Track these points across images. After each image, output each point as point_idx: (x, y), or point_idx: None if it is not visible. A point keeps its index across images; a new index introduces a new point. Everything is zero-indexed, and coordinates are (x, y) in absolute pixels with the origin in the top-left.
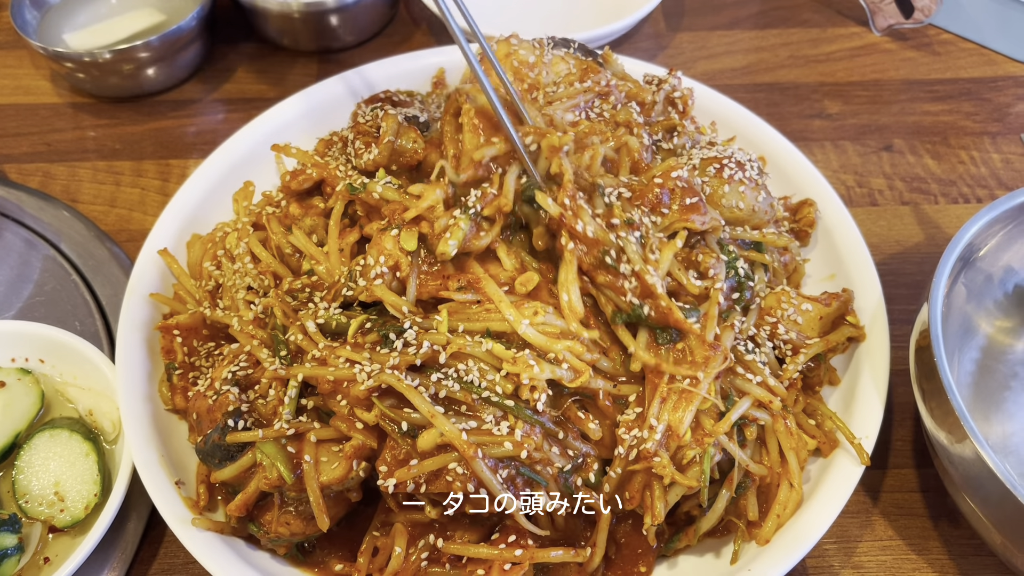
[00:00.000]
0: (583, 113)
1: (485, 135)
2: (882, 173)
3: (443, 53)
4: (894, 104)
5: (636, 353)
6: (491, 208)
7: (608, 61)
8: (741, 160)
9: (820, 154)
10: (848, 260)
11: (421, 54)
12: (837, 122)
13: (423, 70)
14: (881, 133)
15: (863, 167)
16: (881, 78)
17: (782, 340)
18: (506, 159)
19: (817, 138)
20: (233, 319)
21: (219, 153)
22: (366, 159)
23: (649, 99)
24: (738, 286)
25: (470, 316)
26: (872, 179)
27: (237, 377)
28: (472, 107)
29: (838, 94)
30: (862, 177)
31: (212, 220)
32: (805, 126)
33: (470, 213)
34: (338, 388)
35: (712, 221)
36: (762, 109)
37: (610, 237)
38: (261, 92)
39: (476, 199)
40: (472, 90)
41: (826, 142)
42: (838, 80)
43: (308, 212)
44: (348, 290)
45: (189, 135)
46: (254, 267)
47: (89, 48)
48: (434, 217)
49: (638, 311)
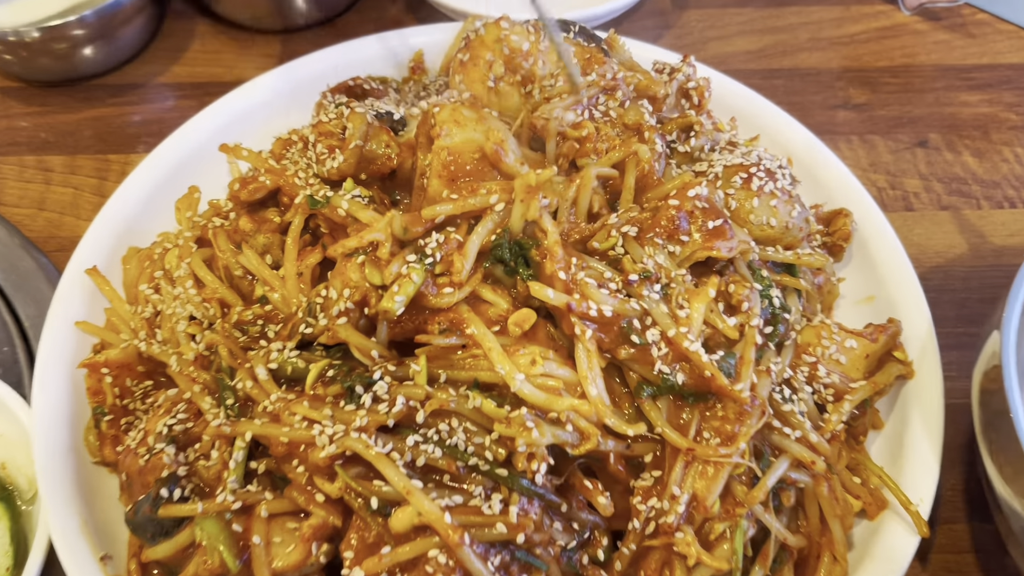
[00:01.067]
0: (586, 112)
1: (449, 188)
2: (917, 173)
3: (422, 33)
4: (927, 93)
5: (665, 434)
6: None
7: (614, 47)
8: (771, 167)
9: (847, 150)
10: (890, 280)
11: (397, 34)
12: (865, 113)
13: (399, 52)
14: (914, 126)
15: (895, 166)
16: (912, 63)
17: (823, 383)
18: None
19: (843, 131)
20: (171, 357)
21: (163, 149)
22: (329, 167)
23: (661, 93)
24: (772, 319)
25: (454, 363)
26: (906, 180)
27: (174, 433)
28: (444, 148)
29: (865, 81)
30: (895, 177)
31: (154, 229)
32: (829, 118)
33: (426, 263)
34: (294, 452)
35: (741, 245)
36: (780, 98)
37: (629, 306)
38: (216, 76)
39: (435, 247)
40: (448, 118)
41: (853, 136)
42: (864, 65)
43: (261, 227)
44: (307, 327)
45: (131, 126)
46: (197, 293)
47: (15, 25)
48: (380, 259)
49: (669, 381)
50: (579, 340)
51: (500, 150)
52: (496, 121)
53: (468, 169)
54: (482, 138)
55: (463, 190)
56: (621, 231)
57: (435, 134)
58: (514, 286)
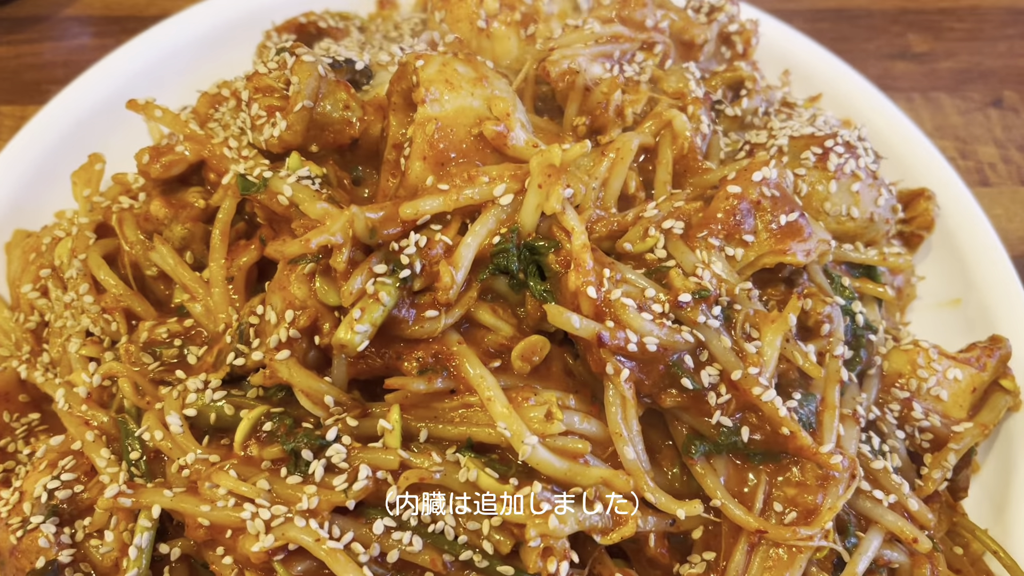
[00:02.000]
0: (616, 67)
1: (437, 174)
2: (992, 139)
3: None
4: (1000, 41)
5: (726, 509)
6: (426, 281)
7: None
8: (850, 140)
9: (908, 110)
10: (983, 280)
11: None
12: (927, 65)
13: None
14: (986, 81)
15: (966, 130)
16: (980, 5)
17: (918, 427)
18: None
19: (902, 87)
20: (59, 390)
21: (61, 102)
22: (268, 135)
23: (700, 38)
24: (854, 341)
25: (440, 415)
26: (980, 147)
27: (56, 501)
28: (430, 119)
29: (926, 26)
30: (966, 144)
31: (48, 207)
32: (885, 70)
33: (401, 277)
34: (218, 538)
35: (820, 246)
36: (827, 46)
37: (680, 337)
38: (138, 9)
39: (414, 253)
40: (436, 76)
41: (914, 93)
42: (924, 6)
43: (179, 214)
44: (237, 356)
45: (31, 69)
46: (94, 301)
47: None
48: (336, 267)
49: (731, 438)
50: (611, 382)
51: (505, 129)
52: (500, 81)
53: (463, 148)
54: (482, 107)
55: (456, 176)
56: (663, 227)
57: (418, 98)
58: (521, 304)
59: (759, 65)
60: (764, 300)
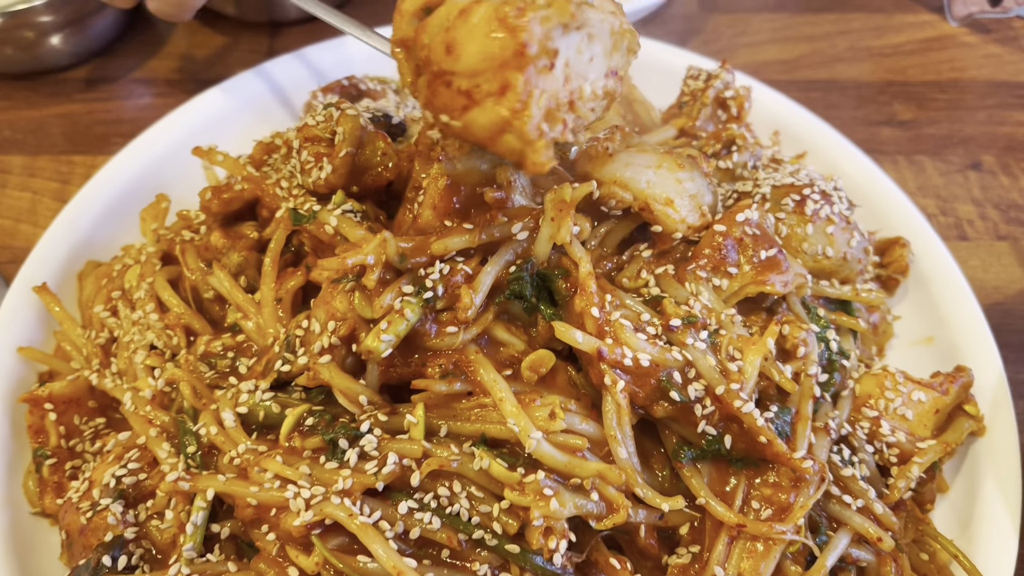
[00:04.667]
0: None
1: (451, 218)
2: (970, 198)
3: None
4: (979, 111)
5: (709, 507)
6: (447, 302)
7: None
8: (826, 189)
9: (893, 171)
10: (952, 320)
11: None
12: (911, 131)
13: None
14: (966, 147)
15: (946, 190)
16: (961, 78)
17: (886, 442)
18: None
19: (888, 151)
20: (126, 394)
21: (131, 151)
22: (316, 177)
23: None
24: (828, 365)
25: (458, 414)
26: (959, 205)
27: (123, 486)
28: (443, 175)
29: (910, 96)
30: (946, 203)
31: (117, 241)
32: (872, 135)
33: (424, 298)
34: (263, 516)
35: (797, 279)
36: (818, 113)
37: (670, 356)
38: (196, 72)
39: (438, 279)
40: (451, 146)
41: (899, 156)
42: (909, 79)
43: (236, 244)
44: (284, 363)
45: (101, 124)
46: (159, 318)
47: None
48: (367, 284)
49: (715, 445)
50: (608, 392)
51: (504, 195)
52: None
53: (468, 202)
54: (489, 170)
55: (479, 217)
56: (655, 272)
57: (435, 155)
58: (533, 324)
59: (752, 127)
60: (747, 326)
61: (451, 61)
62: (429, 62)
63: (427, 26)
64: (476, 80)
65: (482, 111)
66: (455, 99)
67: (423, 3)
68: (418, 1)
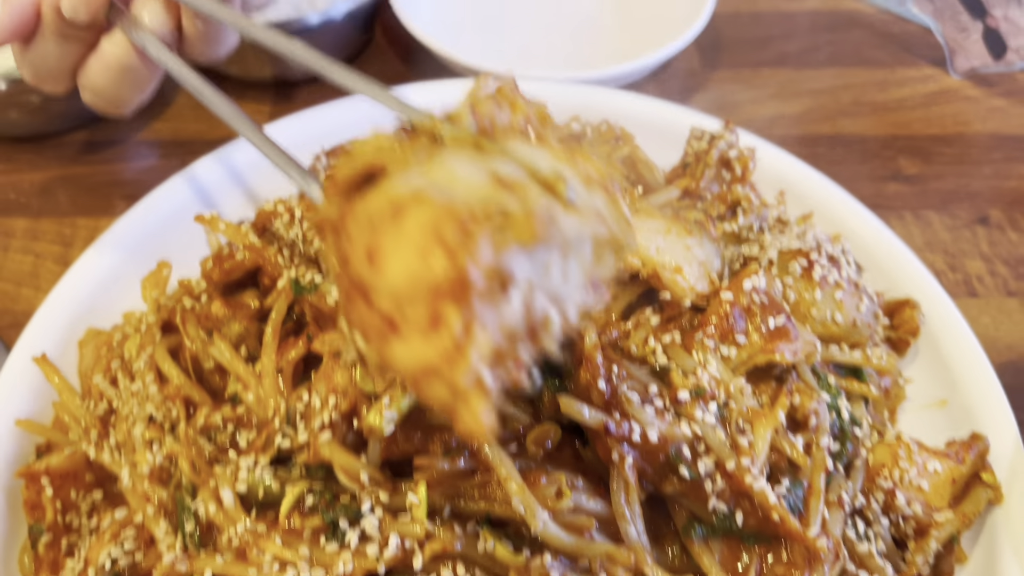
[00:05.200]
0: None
1: None
2: (979, 254)
3: (431, 89)
4: (985, 165)
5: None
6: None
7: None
8: (833, 253)
9: (899, 227)
10: (966, 382)
11: (402, 90)
12: (917, 186)
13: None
14: (973, 201)
15: (954, 245)
16: (966, 131)
17: (902, 515)
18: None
19: (894, 206)
20: (124, 469)
21: (132, 216)
22: (318, 247)
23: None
24: (840, 434)
25: (462, 492)
26: (967, 261)
27: (118, 568)
28: None
29: (915, 151)
30: (954, 259)
31: (119, 307)
32: (878, 190)
33: None
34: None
35: (806, 347)
36: (823, 168)
37: (679, 430)
38: (200, 133)
39: None
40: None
41: (905, 212)
42: (914, 133)
43: (237, 313)
44: (284, 438)
45: (105, 186)
46: (158, 390)
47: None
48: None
49: (727, 522)
50: (616, 468)
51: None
52: None
53: None
54: None
55: None
56: (662, 341)
57: None
58: (538, 397)
59: (757, 186)
60: (756, 395)
61: (372, 273)
62: (344, 266)
63: (355, 213)
64: (400, 304)
65: (405, 345)
66: (373, 321)
67: (364, 170)
68: (358, 168)
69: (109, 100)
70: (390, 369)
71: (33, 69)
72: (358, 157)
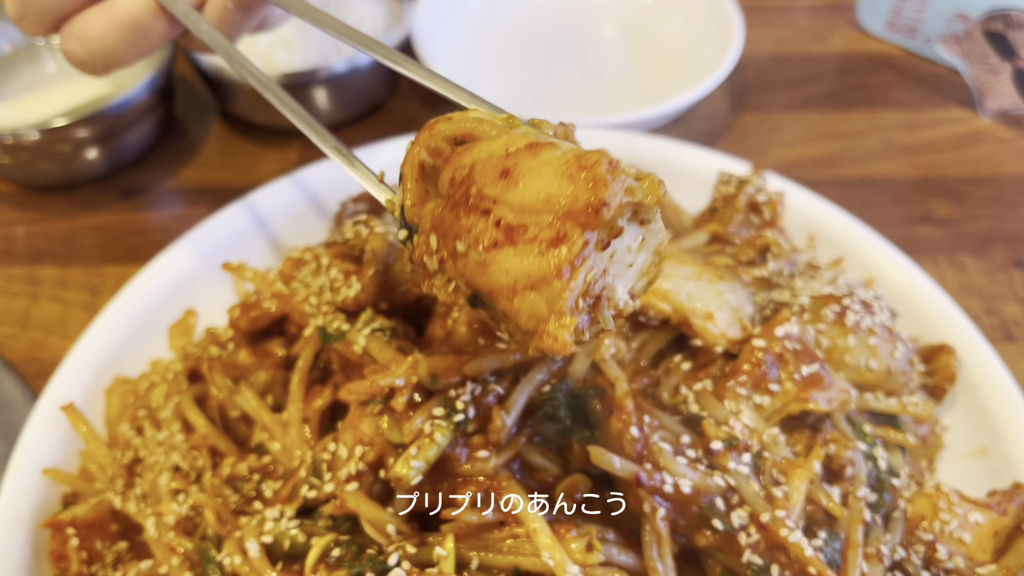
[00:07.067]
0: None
1: (485, 336)
2: (1015, 297)
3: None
4: (1019, 207)
5: None
6: (479, 424)
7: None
8: (866, 299)
9: (933, 271)
10: (1007, 430)
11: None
12: (950, 229)
13: None
14: (1007, 244)
15: (990, 289)
16: (998, 173)
17: (943, 568)
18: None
19: (927, 250)
20: (149, 519)
21: (159, 265)
22: (344, 295)
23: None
24: (877, 484)
25: (490, 544)
26: (1004, 305)
27: None
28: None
29: (947, 193)
30: (990, 303)
31: (146, 355)
32: (910, 234)
33: (455, 421)
34: None
35: (841, 395)
36: (854, 211)
37: (712, 481)
38: (228, 181)
39: (469, 400)
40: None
41: (939, 256)
42: (945, 175)
43: (263, 362)
44: (310, 489)
45: (133, 234)
46: (185, 439)
47: (14, 126)
48: (398, 409)
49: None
50: (648, 520)
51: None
52: None
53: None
54: None
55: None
56: (694, 389)
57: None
58: (568, 447)
59: (787, 231)
60: (790, 444)
61: (502, 188)
62: (461, 184)
63: (472, 149)
64: (525, 218)
65: (516, 254)
66: (486, 231)
67: (457, 133)
68: (454, 128)
69: (99, 56)
70: (482, 278)
71: (22, 2)
72: (458, 122)
